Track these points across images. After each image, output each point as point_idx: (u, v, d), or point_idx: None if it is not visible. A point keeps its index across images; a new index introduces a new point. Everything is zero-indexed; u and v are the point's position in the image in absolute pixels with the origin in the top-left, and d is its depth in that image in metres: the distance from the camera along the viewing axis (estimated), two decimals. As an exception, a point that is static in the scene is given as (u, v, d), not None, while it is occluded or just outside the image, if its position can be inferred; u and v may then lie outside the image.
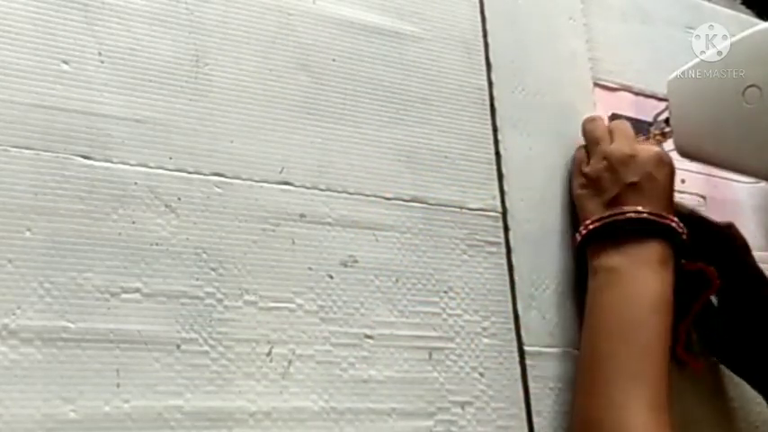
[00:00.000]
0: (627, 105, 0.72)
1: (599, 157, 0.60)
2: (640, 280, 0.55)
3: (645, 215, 0.56)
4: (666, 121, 0.68)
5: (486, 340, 0.56)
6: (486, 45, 0.66)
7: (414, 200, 0.58)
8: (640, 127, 0.69)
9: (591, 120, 0.64)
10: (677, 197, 0.66)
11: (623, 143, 0.59)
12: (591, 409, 0.52)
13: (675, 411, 0.61)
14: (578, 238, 0.59)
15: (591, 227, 0.58)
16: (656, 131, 0.67)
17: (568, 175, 0.63)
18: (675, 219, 0.57)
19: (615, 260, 0.56)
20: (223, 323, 0.49)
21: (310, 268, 0.52)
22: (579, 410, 0.54)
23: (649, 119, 0.70)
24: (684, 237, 0.57)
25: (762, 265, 0.70)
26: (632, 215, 0.56)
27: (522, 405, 0.56)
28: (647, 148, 0.59)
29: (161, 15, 0.53)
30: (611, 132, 0.61)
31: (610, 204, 0.58)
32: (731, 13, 0.85)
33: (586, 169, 0.61)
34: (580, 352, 0.56)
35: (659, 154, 0.59)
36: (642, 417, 0.49)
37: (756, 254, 0.66)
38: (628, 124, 0.62)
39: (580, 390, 0.54)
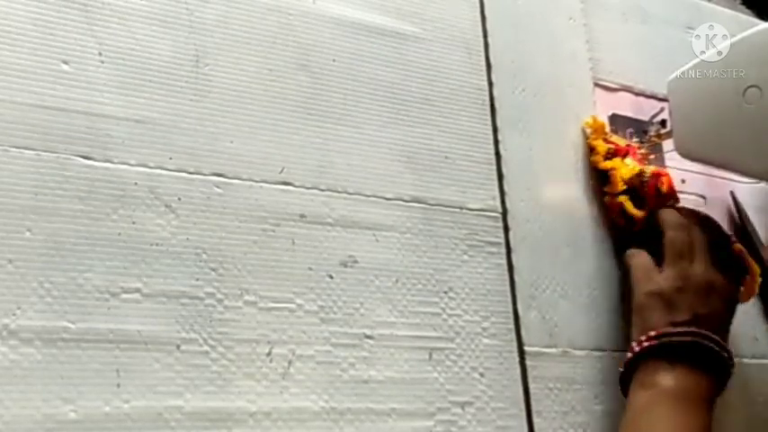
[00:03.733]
0: (627, 105, 0.72)
1: (680, 276, 0.58)
2: (687, 410, 0.54)
3: (707, 343, 0.56)
4: (662, 122, 0.68)
5: (486, 340, 0.56)
6: (486, 45, 0.66)
7: (414, 200, 0.58)
8: (640, 127, 0.69)
9: (677, 226, 0.61)
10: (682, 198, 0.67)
11: (704, 269, 0.59)
12: None
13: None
14: (636, 347, 0.57)
15: (654, 341, 0.56)
16: (653, 134, 0.67)
17: (634, 274, 0.60)
18: (729, 350, 0.57)
19: (667, 382, 0.55)
20: (223, 323, 0.49)
21: (310, 268, 0.53)
22: None
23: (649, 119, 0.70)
24: (733, 366, 0.57)
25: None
26: (689, 339, 0.56)
27: (522, 405, 0.56)
28: (724, 281, 0.59)
29: (161, 15, 0.53)
30: (690, 242, 0.60)
31: (674, 325, 0.56)
32: (731, 13, 0.85)
33: (660, 281, 0.59)
34: None
35: (734, 293, 0.60)
36: None
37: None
38: (702, 236, 0.61)
39: None
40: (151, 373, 0.46)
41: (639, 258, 0.61)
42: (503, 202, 0.61)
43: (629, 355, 0.57)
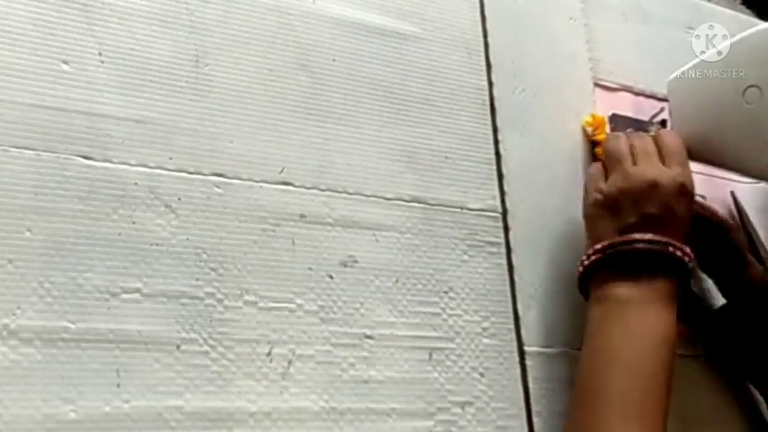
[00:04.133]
0: (627, 105, 0.72)
1: (620, 177, 0.56)
2: (649, 316, 0.53)
3: (657, 247, 0.54)
4: (662, 122, 0.68)
5: (486, 340, 0.56)
6: (486, 45, 0.66)
7: (414, 200, 0.58)
8: (640, 127, 0.69)
9: (614, 137, 0.60)
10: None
11: (648, 166, 0.56)
12: None
13: (674, 408, 0.61)
14: (585, 260, 0.56)
15: (600, 254, 0.55)
16: (653, 133, 0.67)
17: (583, 190, 0.60)
18: (687, 249, 0.55)
19: (624, 291, 0.54)
20: (223, 323, 0.49)
21: (310, 268, 0.53)
22: None
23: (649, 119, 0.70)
24: (692, 266, 0.55)
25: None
26: (642, 246, 0.54)
27: (522, 405, 0.56)
28: (669, 176, 0.56)
29: (161, 15, 0.53)
30: (633, 151, 0.58)
31: (623, 231, 0.55)
32: (731, 13, 0.85)
33: (603, 187, 0.57)
34: (577, 381, 0.54)
35: (682, 185, 0.56)
36: None
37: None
38: (650, 141, 0.59)
39: (575, 421, 0.52)
40: (151, 373, 0.46)
41: (591, 170, 0.60)
42: (503, 202, 0.61)
43: (579, 269, 0.56)
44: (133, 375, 0.45)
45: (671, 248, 0.54)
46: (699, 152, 0.61)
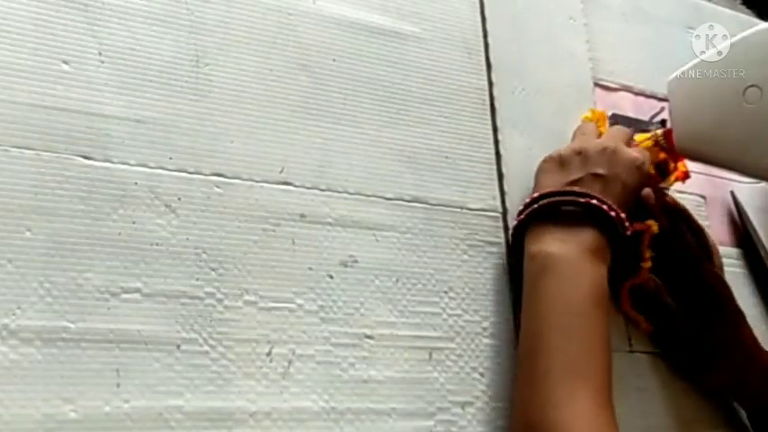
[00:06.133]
0: (627, 105, 0.72)
1: (578, 142, 0.58)
2: (579, 270, 0.52)
3: (593, 201, 0.53)
4: (662, 122, 0.68)
5: (486, 340, 0.56)
6: (486, 45, 0.66)
7: (414, 200, 0.58)
8: (640, 127, 0.69)
9: (587, 124, 0.63)
10: (678, 198, 0.66)
11: (608, 140, 0.58)
12: (531, 407, 0.49)
13: (674, 412, 0.61)
14: (523, 210, 0.56)
15: (538, 203, 0.55)
16: (653, 135, 0.67)
17: (541, 160, 0.60)
18: (623, 213, 0.54)
19: (553, 246, 0.53)
20: (223, 323, 0.49)
21: (310, 268, 0.52)
22: (518, 409, 0.51)
23: (649, 119, 0.70)
24: (625, 230, 0.54)
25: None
26: (581, 200, 0.54)
27: (522, 405, 0.56)
28: (627, 151, 0.57)
29: (161, 15, 0.53)
30: (604, 133, 0.60)
31: (567, 185, 0.55)
32: (731, 13, 0.85)
33: (561, 148, 0.59)
34: (519, 342, 0.53)
35: (639, 160, 0.56)
36: (586, 416, 0.47)
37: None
38: (626, 131, 0.60)
39: (519, 384, 0.51)
40: (151, 373, 0.46)
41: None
42: (503, 202, 0.61)
43: (516, 219, 0.57)
44: (133, 375, 0.45)
45: (605, 207, 0.54)
46: (699, 152, 0.61)
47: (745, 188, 0.76)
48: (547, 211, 0.55)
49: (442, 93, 0.62)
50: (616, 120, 0.68)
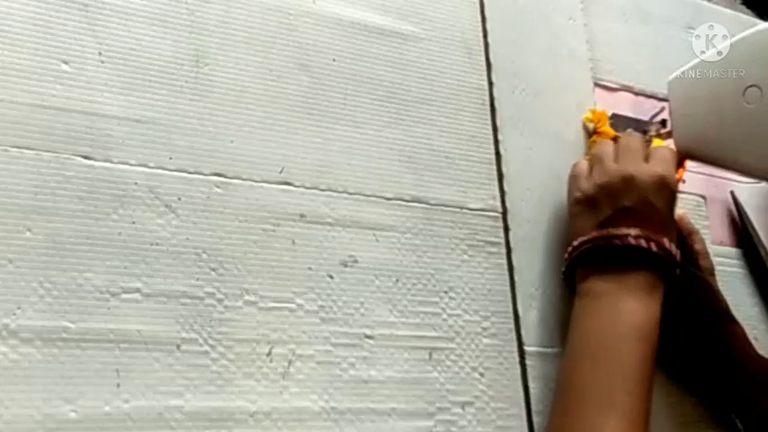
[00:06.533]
0: (627, 105, 0.72)
1: (598, 174, 0.57)
2: (623, 308, 0.53)
3: (632, 241, 0.54)
4: (662, 122, 0.68)
5: (486, 340, 0.56)
6: (486, 45, 0.66)
7: (414, 200, 0.58)
8: (640, 127, 0.69)
9: (603, 142, 0.61)
10: (678, 198, 0.66)
11: (627, 162, 0.56)
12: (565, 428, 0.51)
13: (675, 412, 0.61)
14: (566, 257, 0.58)
15: (578, 250, 0.56)
16: (653, 133, 0.67)
17: (568, 186, 0.60)
18: (667, 243, 0.54)
19: (600, 286, 0.54)
20: (223, 323, 0.49)
21: (310, 268, 0.53)
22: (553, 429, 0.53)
23: (649, 119, 0.70)
24: (672, 257, 0.55)
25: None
26: (617, 242, 0.54)
27: (523, 405, 0.56)
28: (648, 170, 0.56)
29: (161, 15, 0.53)
30: (618, 151, 0.58)
31: (600, 226, 0.55)
32: (731, 13, 0.85)
33: (583, 185, 0.58)
34: (558, 373, 0.55)
35: (661, 177, 0.55)
36: None
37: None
38: (638, 140, 0.59)
39: (555, 413, 0.53)
40: (151, 373, 0.46)
41: (573, 171, 0.60)
42: (503, 202, 0.61)
43: (562, 268, 0.58)
44: (133, 375, 0.45)
45: (644, 241, 0.54)
46: (699, 152, 0.61)
47: (745, 188, 0.76)
48: (588, 254, 0.56)
49: (441, 93, 0.62)
50: (616, 120, 0.69)
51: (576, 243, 0.57)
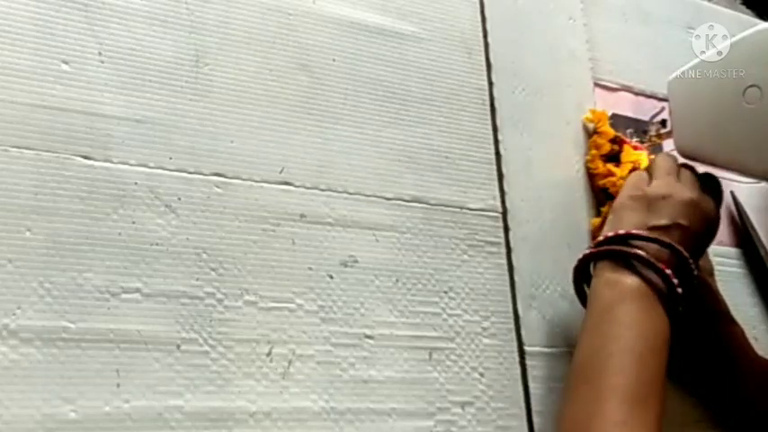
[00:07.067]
0: (627, 105, 0.72)
1: (665, 184, 0.56)
2: (658, 311, 0.52)
3: (682, 251, 0.54)
4: (662, 122, 0.68)
5: (486, 340, 0.56)
6: (486, 45, 0.66)
7: (414, 200, 0.58)
8: (640, 127, 0.69)
9: (666, 155, 0.61)
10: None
11: (690, 187, 0.57)
12: (592, 421, 0.49)
13: (676, 412, 0.61)
14: (602, 239, 0.55)
15: (615, 242, 0.55)
16: (653, 134, 0.67)
17: (620, 191, 0.59)
18: (693, 267, 0.54)
19: (635, 280, 0.53)
20: (223, 323, 0.49)
21: (310, 268, 0.53)
22: (573, 420, 0.50)
23: (649, 119, 0.70)
24: (678, 292, 0.54)
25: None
26: (657, 246, 0.53)
27: (523, 405, 0.56)
28: (709, 203, 0.57)
29: (161, 15, 0.53)
30: (678, 168, 0.59)
31: (651, 229, 0.54)
32: (731, 13, 0.85)
33: (647, 188, 0.57)
34: (579, 359, 0.53)
35: (718, 218, 0.57)
36: None
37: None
38: (694, 174, 0.59)
39: (577, 398, 0.51)
40: (151, 373, 0.46)
41: (632, 177, 0.60)
42: (503, 202, 0.61)
43: (589, 249, 0.56)
44: (133, 375, 0.45)
45: (681, 257, 0.53)
46: (699, 152, 0.61)
47: (745, 188, 0.76)
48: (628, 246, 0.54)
49: (442, 93, 0.62)
50: (616, 120, 0.69)
51: (622, 233, 0.54)
